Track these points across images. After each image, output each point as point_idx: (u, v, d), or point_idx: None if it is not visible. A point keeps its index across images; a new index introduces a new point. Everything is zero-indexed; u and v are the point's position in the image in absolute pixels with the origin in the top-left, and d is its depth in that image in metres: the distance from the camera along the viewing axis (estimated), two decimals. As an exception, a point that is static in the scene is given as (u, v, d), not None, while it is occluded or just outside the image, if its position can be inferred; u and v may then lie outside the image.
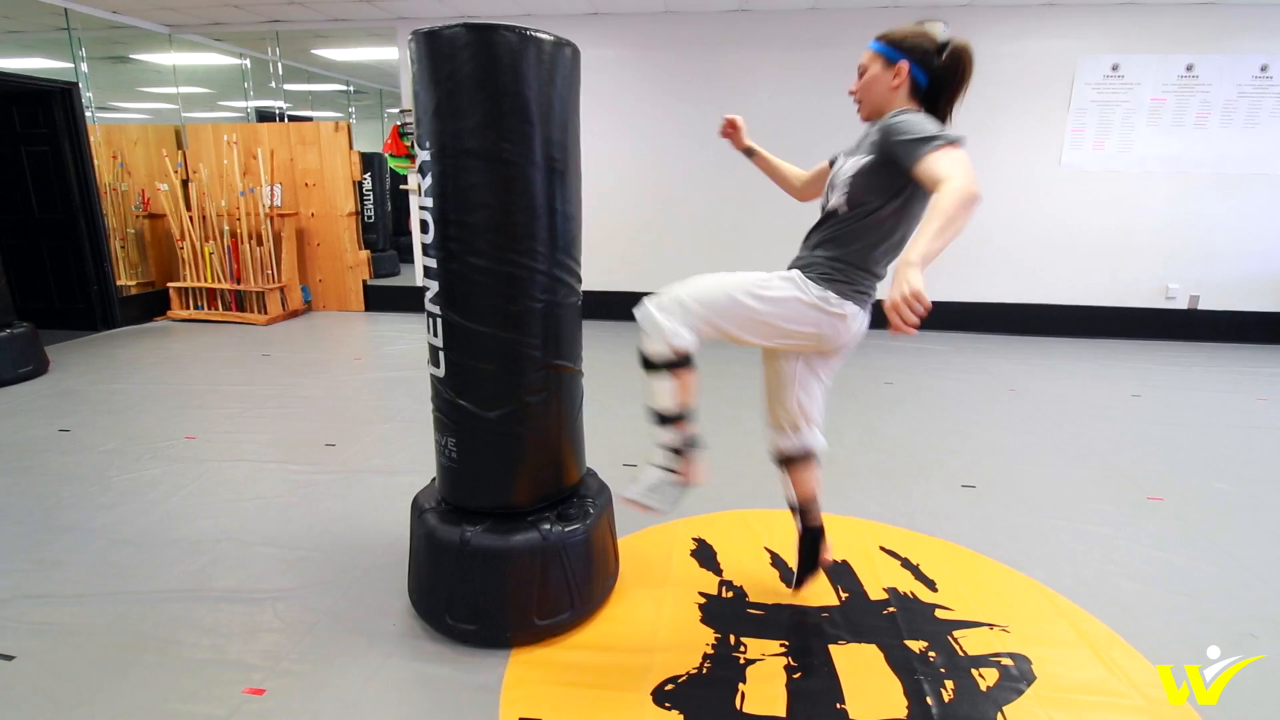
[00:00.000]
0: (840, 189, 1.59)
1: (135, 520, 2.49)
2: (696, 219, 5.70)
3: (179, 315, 5.96)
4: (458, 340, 1.73)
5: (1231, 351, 5.10)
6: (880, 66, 1.50)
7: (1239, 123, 5.00)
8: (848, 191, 1.56)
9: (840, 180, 1.59)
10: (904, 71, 1.48)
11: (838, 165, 1.65)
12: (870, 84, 1.52)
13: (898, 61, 1.48)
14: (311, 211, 6.15)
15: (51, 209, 5.28)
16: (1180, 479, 2.92)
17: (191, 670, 1.74)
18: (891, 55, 1.48)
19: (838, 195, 1.59)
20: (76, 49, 5.58)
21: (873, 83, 1.52)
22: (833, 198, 1.62)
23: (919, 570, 2.20)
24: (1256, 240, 5.18)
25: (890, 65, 1.49)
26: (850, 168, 1.56)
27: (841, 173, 1.59)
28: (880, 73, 1.50)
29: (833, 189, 1.63)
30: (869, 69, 1.54)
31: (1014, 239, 5.40)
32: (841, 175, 1.59)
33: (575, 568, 1.83)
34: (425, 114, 1.63)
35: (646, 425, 1.73)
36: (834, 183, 1.63)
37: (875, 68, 1.52)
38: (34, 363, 4.20)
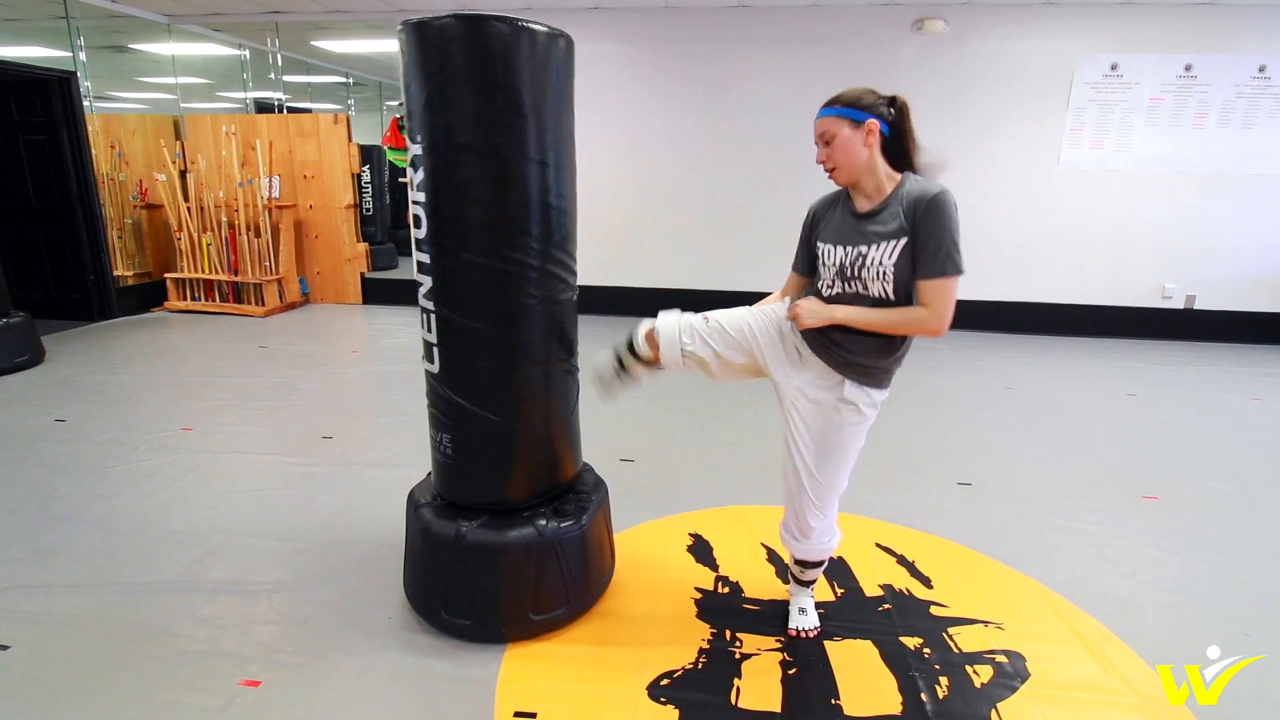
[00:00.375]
0: (874, 277, 1.51)
1: (131, 511, 2.49)
2: (694, 215, 5.70)
3: (176, 306, 5.94)
4: (452, 336, 1.72)
5: (1227, 351, 5.11)
6: (848, 129, 1.49)
7: (1237, 123, 5.01)
8: (893, 277, 1.49)
9: (873, 267, 1.50)
10: (875, 129, 1.49)
11: (844, 253, 1.54)
12: (844, 148, 1.50)
13: (866, 120, 1.49)
14: (310, 203, 6.13)
15: (48, 198, 5.26)
16: (1175, 478, 2.93)
17: (187, 661, 1.74)
18: (858, 116, 1.49)
19: (874, 283, 1.51)
20: (75, 38, 5.55)
21: (847, 145, 1.49)
22: (866, 286, 1.53)
23: (914, 567, 2.21)
24: (1253, 240, 5.19)
25: (859, 125, 1.49)
26: (885, 253, 1.48)
27: (872, 260, 1.50)
28: (851, 134, 1.49)
29: (853, 278, 1.54)
30: (835, 134, 1.50)
31: (1011, 238, 5.40)
32: (874, 262, 1.50)
33: (571, 563, 1.83)
34: (416, 107, 1.60)
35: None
36: (854, 269, 1.53)
37: (844, 131, 1.49)
38: (30, 352, 4.19)
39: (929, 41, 5.12)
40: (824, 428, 1.64)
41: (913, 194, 1.47)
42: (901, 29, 5.12)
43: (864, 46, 5.17)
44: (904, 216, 1.47)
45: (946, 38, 5.09)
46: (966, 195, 5.99)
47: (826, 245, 1.59)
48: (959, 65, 5.14)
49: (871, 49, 5.17)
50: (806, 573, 1.87)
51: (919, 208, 1.45)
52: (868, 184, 1.53)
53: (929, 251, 1.45)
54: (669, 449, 3.11)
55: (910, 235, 1.46)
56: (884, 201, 1.51)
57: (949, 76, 5.15)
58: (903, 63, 5.16)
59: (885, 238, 1.49)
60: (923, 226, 1.45)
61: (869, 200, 1.54)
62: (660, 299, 1.79)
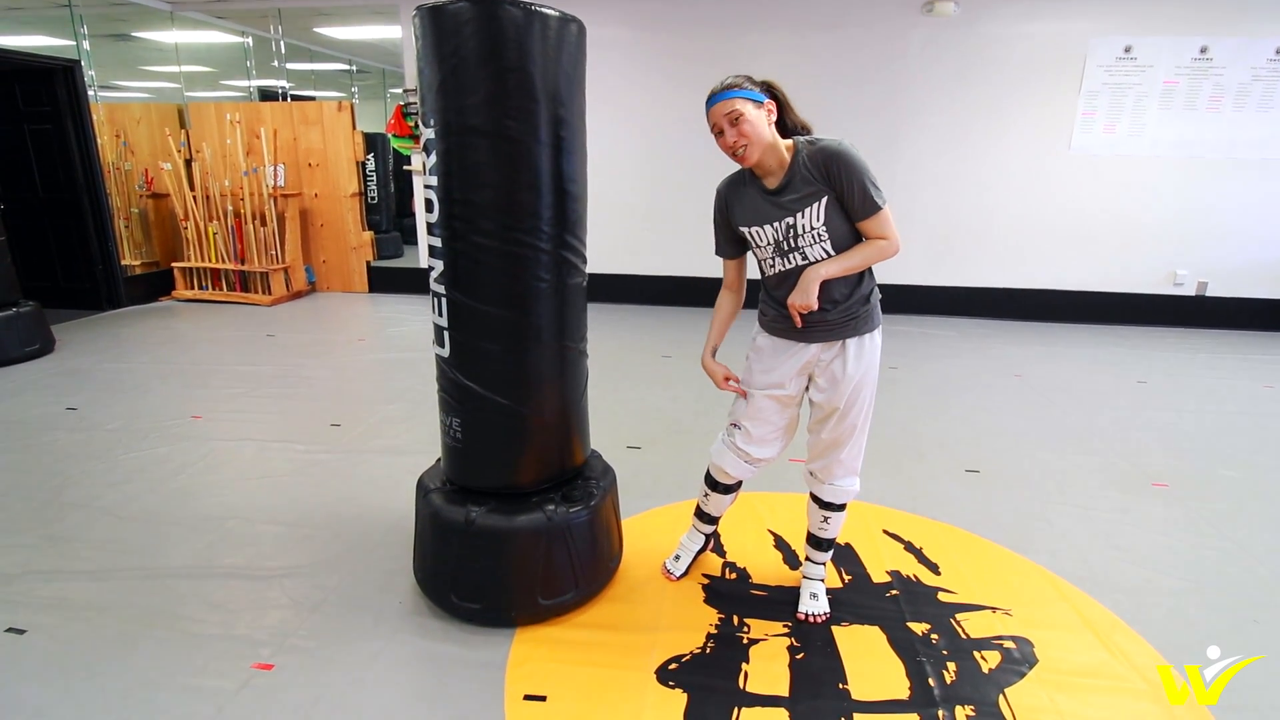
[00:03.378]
0: (811, 241, 1.60)
1: (143, 498, 2.51)
2: (702, 201, 5.64)
3: (183, 295, 5.96)
4: (463, 320, 1.72)
5: (1239, 338, 5.07)
6: (753, 108, 1.56)
7: (1252, 106, 4.93)
8: (828, 234, 1.59)
9: (806, 234, 1.59)
10: (773, 108, 1.60)
11: (774, 230, 1.63)
12: (755, 125, 1.56)
13: (765, 101, 1.58)
14: (315, 192, 6.12)
15: (55, 188, 5.27)
16: (1185, 466, 2.91)
17: (200, 645, 1.76)
18: (757, 97, 1.57)
19: (811, 247, 1.60)
20: (78, 26, 5.54)
21: (756, 124, 1.56)
22: (805, 252, 1.61)
23: (922, 554, 2.21)
24: (1267, 227, 5.12)
25: (760, 105, 1.57)
26: (813, 215, 1.57)
27: (803, 228, 1.59)
28: (756, 112, 1.56)
29: (791, 249, 1.62)
30: (742, 113, 1.55)
31: (1021, 224, 5.35)
32: (805, 229, 1.59)
33: (579, 548, 1.84)
34: (429, 90, 1.61)
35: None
36: (789, 242, 1.62)
37: (748, 110, 1.56)
38: (40, 341, 4.22)
39: (939, 24, 5.05)
40: (849, 395, 1.71)
41: (815, 155, 1.56)
42: (912, 11, 5.05)
43: (874, 28, 5.11)
44: (816, 177, 1.57)
45: (957, 20, 5.02)
46: (975, 180, 5.94)
47: (753, 228, 1.67)
48: (969, 48, 5.07)
49: (881, 31, 5.11)
50: (830, 521, 1.88)
51: (829, 164, 1.55)
52: (770, 160, 1.60)
53: (856, 196, 1.55)
54: (676, 436, 3.11)
55: (831, 189, 1.56)
56: (789, 172, 1.59)
57: (959, 59, 5.09)
58: (913, 45, 5.10)
59: (805, 202, 1.58)
60: (841, 178, 1.55)
61: (774, 176, 1.62)
62: (668, 287, 1.77)
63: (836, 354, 1.70)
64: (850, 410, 1.72)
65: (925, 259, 5.51)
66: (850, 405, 1.71)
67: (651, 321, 5.35)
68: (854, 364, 1.69)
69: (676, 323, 5.33)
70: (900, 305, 5.53)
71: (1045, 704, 1.59)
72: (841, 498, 1.83)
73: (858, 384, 1.70)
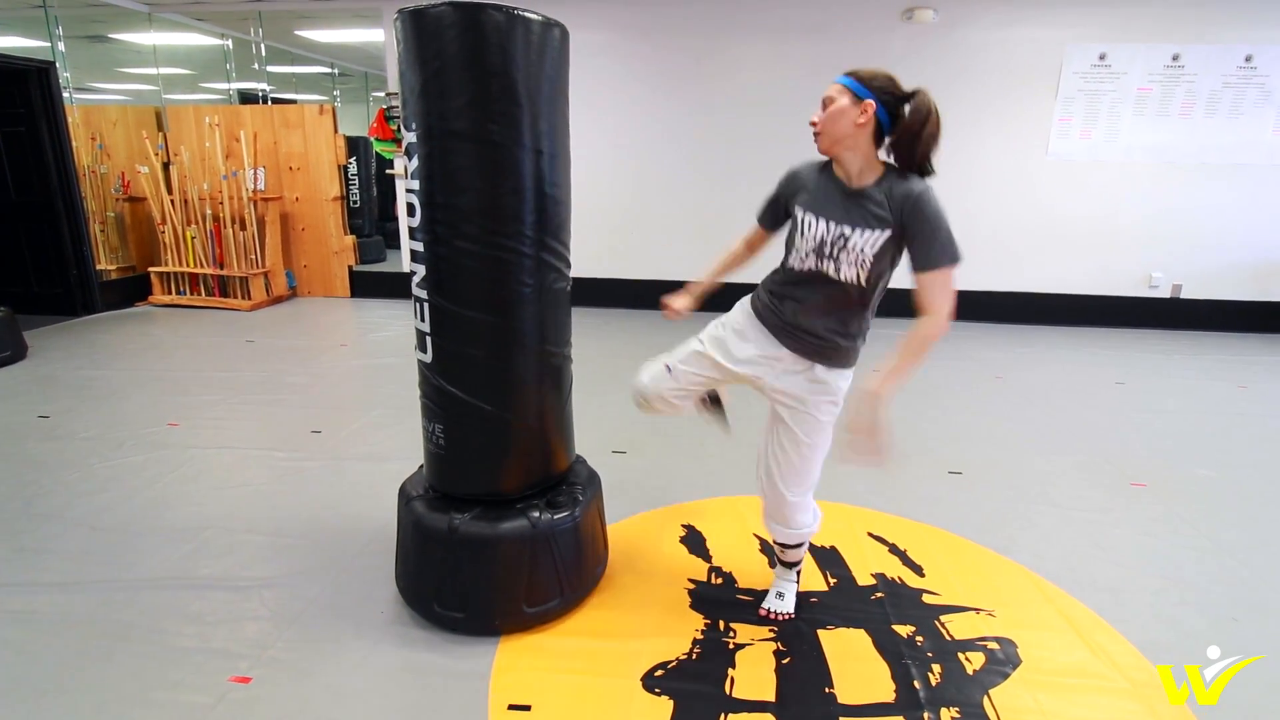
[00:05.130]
0: (851, 262, 1.51)
1: (118, 507, 2.46)
2: (685, 205, 5.67)
3: (160, 300, 5.86)
4: (445, 325, 1.71)
5: (1213, 339, 5.16)
6: (848, 101, 1.47)
7: (1223, 113, 5.04)
8: (870, 266, 1.51)
9: (853, 251, 1.51)
10: (870, 111, 1.46)
11: (825, 229, 1.53)
12: (836, 116, 1.48)
13: (865, 99, 1.46)
14: (296, 196, 6.05)
15: (29, 191, 5.16)
16: (1163, 465, 2.96)
17: (176, 659, 1.72)
18: (860, 92, 1.46)
19: (849, 268, 1.52)
20: (53, 27, 5.45)
21: (838, 116, 1.47)
22: (839, 269, 1.53)
23: (906, 556, 2.22)
24: (1239, 230, 5.23)
25: (858, 102, 1.46)
26: (869, 242, 1.49)
27: (854, 245, 1.50)
28: (847, 107, 1.47)
29: (829, 256, 1.53)
30: (836, 101, 1.49)
31: (1000, 228, 5.42)
32: (855, 247, 1.50)
33: (564, 555, 1.82)
34: (411, 94, 1.60)
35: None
36: (833, 248, 1.52)
37: (843, 101, 1.48)
38: (12, 348, 4.13)
39: (918, 31, 5.11)
40: (797, 414, 1.68)
41: (899, 190, 1.47)
42: (891, 18, 5.10)
43: (854, 36, 5.15)
44: (890, 210, 1.47)
45: (936, 27, 5.08)
46: (955, 185, 5.99)
47: (808, 215, 1.56)
48: (948, 55, 5.14)
49: (861, 38, 5.15)
50: (789, 553, 1.89)
51: (906, 204, 1.45)
52: (849, 162, 1.52)
53: (927, 243, 1.46)
54: (661, 441, 3.11)
55: (900, 231, 1.47)
56: (870, 186, 1.51)
57: (938, 66, 5.15)
58: (892, 52, 5.15)
59: (870, 225, 1.49)
60: (916, 221, 1.45)
61: (852, 181, 1.53)
62: (652, 291, 1.78)
63: (803, 370, 1.66)
64: (806, 438, 1.68)
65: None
66: (810, 431, 1.67)
67: (635, 325, 5.34)
68: (816, 388, 1.65)
69: (660, 327, 5.31)
70: (880, 309, 5.56)
71: (1029, 705, 1.60)
72: (795, 539, 1.83)
73: (814, 406, 1.65)
